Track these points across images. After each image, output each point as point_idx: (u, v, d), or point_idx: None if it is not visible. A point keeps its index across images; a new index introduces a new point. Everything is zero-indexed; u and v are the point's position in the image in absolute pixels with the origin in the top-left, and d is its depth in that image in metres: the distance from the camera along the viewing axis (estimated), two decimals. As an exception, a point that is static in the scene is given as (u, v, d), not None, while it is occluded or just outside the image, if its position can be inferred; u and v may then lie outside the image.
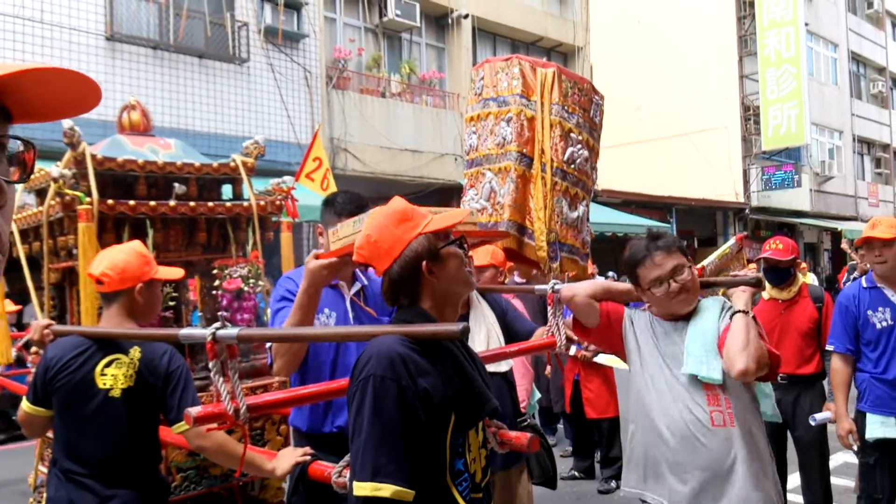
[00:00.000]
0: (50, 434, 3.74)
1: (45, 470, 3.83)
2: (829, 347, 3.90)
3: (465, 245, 1.92)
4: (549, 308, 3.18)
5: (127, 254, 2.65)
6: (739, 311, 2.39)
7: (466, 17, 15.22)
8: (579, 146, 3.43)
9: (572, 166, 3.42)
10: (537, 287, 3.54)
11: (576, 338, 3.25)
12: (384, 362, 1.68)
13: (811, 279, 18.24)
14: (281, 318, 2.67)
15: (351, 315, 2.85)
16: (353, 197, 2.88)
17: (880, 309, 3.68)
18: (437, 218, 1.88)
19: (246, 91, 12.04)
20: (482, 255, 3.52)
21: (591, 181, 3.59)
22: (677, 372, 2.43)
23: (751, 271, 2.54)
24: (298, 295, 2.51)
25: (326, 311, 2.75)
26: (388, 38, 14.68)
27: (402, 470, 1.64)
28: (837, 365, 3.86)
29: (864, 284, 3.78)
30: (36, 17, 10.06)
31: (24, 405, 2.61)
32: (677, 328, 2.50)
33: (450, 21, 15.32)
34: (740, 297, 2.44)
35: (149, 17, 11.18)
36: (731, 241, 4.41)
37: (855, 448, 3.88)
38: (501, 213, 3.40)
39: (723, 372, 2.35)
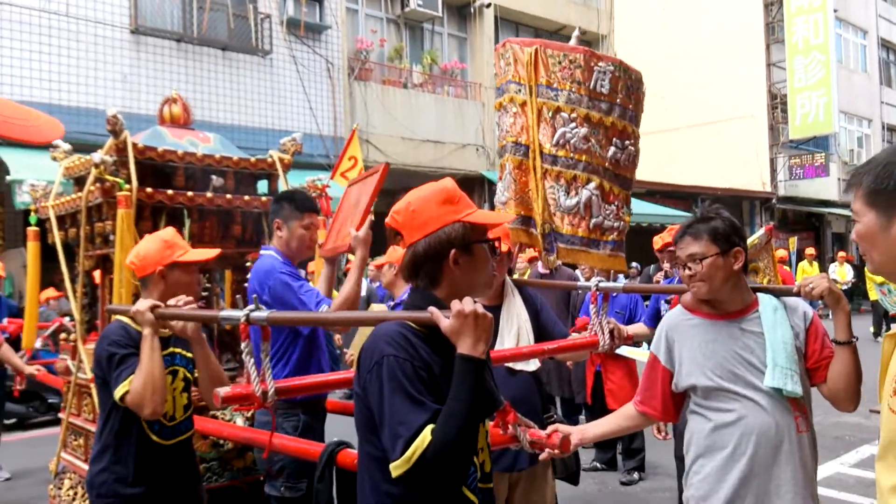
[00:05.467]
0: (74, 420, 3.82)
1: (67, 457, 3.89)
2: None
3: (497, 250, 1.90)
4: (591, 306, 3.13)
5: (149, 240, 2.77)
6: (849, 343, 2.26)
7: (489, 6, 15.14)
8: (573, 125, 3.18)
9: (565, 148, 3.19)
10: (580, 283, 3.48)
11: (624, 334, 3.18)
12: (394, 344, 1.68)
13: (846, 270, 17.98)
14: (315, 295, 3.06)
15: None
16: (307, 195, 3.41)
17: None
18: (481, 213, 1.86)
19: (269, 83, 12.09)
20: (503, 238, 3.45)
21: (598, 158, 3.24)
22: (755, 380, 2.31)
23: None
24: (354, 272, 3.02)
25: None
26: (410, 28, 14.65)
27: (434, 415, 1.63)
28: None
29: None
30: (62, 10, 10.17)
31: None
32: (744, 331, 2.36)
33: (472, 10, 15.25)
34: (842, 321, 2.28)
35: (172, 9, 11.26)
36: (761, 231, 4.31)
37: None
38: (511, 206, 3.29)
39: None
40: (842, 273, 17.48)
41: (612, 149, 3.29)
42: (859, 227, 1.59)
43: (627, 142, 3.33)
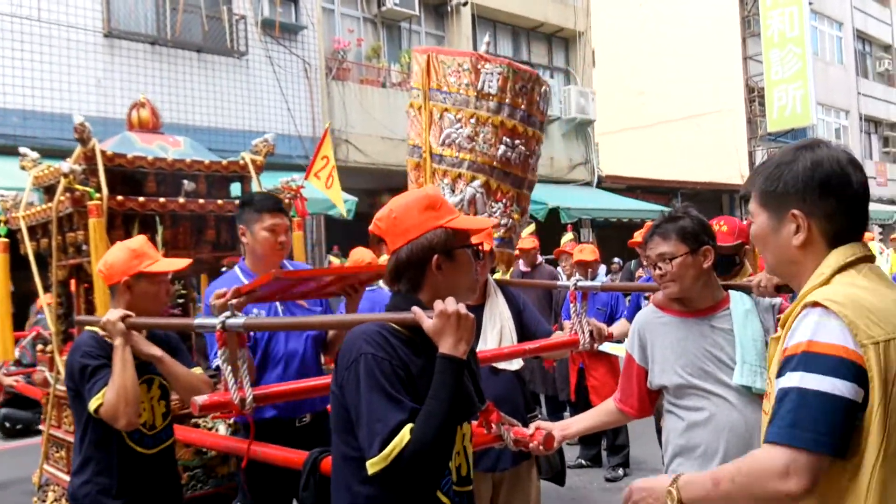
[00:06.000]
0: (54, 432, 3.76)
1: (50, 469, 3.84)
2: None
3: (481, 254, 1.91)
4: (571, 305, 3.16)
5: (117, 249, 2.72)
6: None
7: (465, 4, 15.11)
8: (458, 125, 3.31)
9: (451, 147, 3.32)
10: (560, 283, 3.49)
11: (605, 333, 3.20)
12: (371, 343, 1.69)
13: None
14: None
15: (280, 308, 3.01)
16: (268, 195, 3.18)
17: None
18: (463, 218, 1.88)
19: (245, 84, 11.98)
20: (485, 236, 3.46)
21: (484, 157, 3.33)
22: (725, 377, 2.31)
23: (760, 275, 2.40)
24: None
25: (255, 310, 2.82)
26: (387, 27, 14.59)
27: (412, 414, 1.63)
28: None
29: None
30: (34, 15, 10.01)
31: None
32: (714, 328, 2.37)
33: (449, 9, 15.22)
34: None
35: (146, 12, 11.12)
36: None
37: None
38: None
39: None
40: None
41: (503, 147, 3.36)
42: (754, 227, 1.59)
43: (518, 141, 3.39)
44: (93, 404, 2.46)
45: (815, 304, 1.39)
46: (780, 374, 1.40)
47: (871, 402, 1.33)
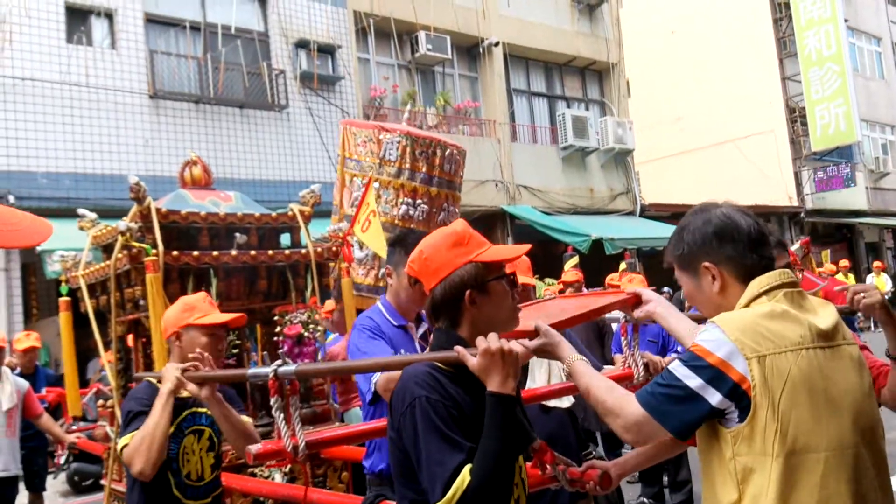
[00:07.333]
0: (116, 486, 3.81)
1: (111, 522, 3.87)
2: None
3: (516, 282, 1.90)
4: (622, 338, 3.11)
5: (175, 304, 2.80)
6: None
7: (497, 44, 15.30)
8: (362, 190, 3.56)
9: (352, 208, 3.55)
10: (608, 316, 3.46)
11: (660, 367, 3.13)
12: (423, 385, 1.70)
13: (885, 280, 17.54)
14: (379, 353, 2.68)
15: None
16: (422, 235, 2.96)
17: None
18: (493, 250, 1.87)
19: (287, 136, 12.27)
20: (523, 271, 3.42)
21: (386, 217, 3.53)
22: None
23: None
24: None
25: (402, 351, 2.79)
26: (422, 72, 14.83)
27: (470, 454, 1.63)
28: None
29: None
30: (82, 81, 10.46)
31: None
32: None
33: (481, 50, 15.42)
34: (893, 335, 2.30)
35: (189, 73, 11.52)
36: (796, 245, 4.27)
37: None
38: None
39: None
40: (880, 283, 17.12)
41: (404, 207, 3.64)
42: (684, 290, 1.82)
43: (420, 200, 3.66)
44: (121, 443, 2.50)
45: (712, 322, 1.64)
46: None
47: (756, 405, 1.53)
